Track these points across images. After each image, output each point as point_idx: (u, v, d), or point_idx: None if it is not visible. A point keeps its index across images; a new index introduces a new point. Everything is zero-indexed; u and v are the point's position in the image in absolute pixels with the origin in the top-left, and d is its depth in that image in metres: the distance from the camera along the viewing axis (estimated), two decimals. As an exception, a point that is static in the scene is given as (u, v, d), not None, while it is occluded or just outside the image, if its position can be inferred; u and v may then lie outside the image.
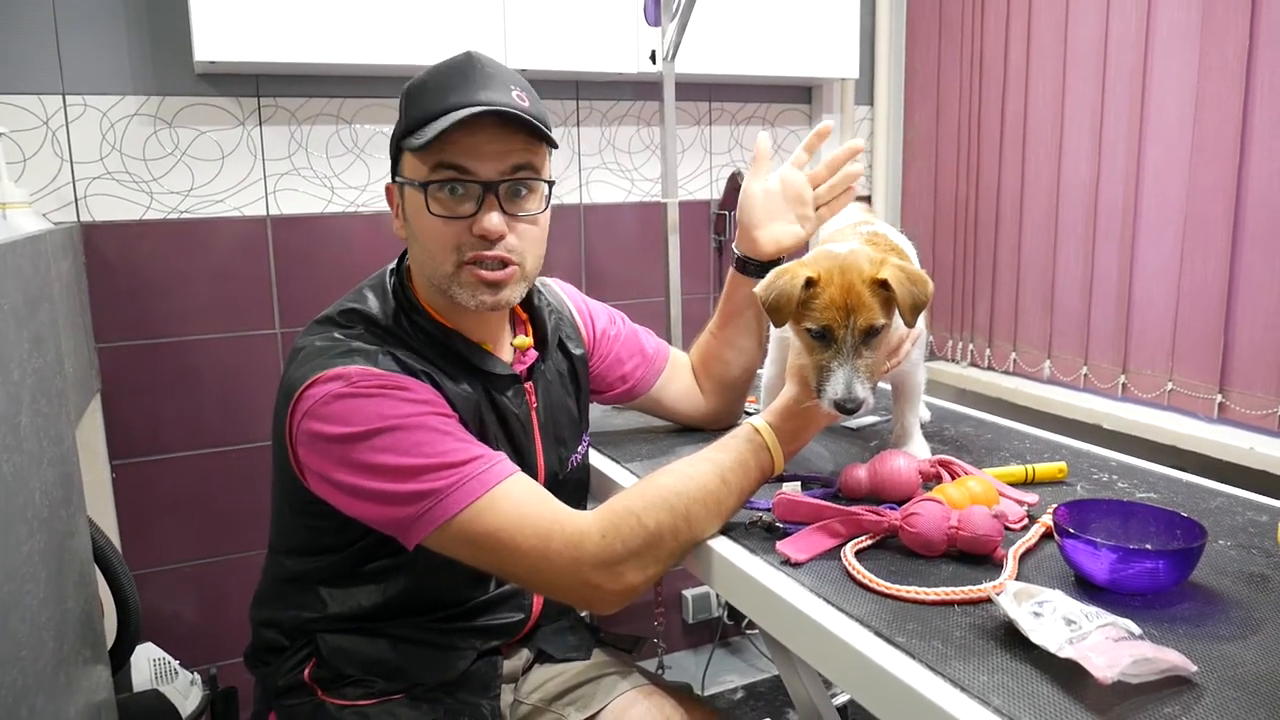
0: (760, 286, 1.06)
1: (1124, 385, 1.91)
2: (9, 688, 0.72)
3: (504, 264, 1.07)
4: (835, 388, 1.01)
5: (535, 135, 1.06)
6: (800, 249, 1.30)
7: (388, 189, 1.15)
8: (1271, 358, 1.62)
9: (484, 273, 1.07)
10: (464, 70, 1.06)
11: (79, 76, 1.85)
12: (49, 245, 1.22)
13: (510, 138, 1.05)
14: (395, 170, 1.12)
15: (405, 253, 1.18)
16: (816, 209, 1.30)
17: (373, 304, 1.11)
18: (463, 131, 1.02)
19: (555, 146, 1.10)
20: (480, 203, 1.05)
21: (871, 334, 1.01)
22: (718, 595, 2.57)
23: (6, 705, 0.71)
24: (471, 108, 1.02)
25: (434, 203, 1.05)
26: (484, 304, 1.08)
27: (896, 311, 1.03)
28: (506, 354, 1.19)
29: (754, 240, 1.29)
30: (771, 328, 1.30)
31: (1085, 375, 2.01)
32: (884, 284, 1.00)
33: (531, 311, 1.24)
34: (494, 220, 1.05)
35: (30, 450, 0.83)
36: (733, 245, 1.34)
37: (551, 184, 1.12)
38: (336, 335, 1.07)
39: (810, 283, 1.02)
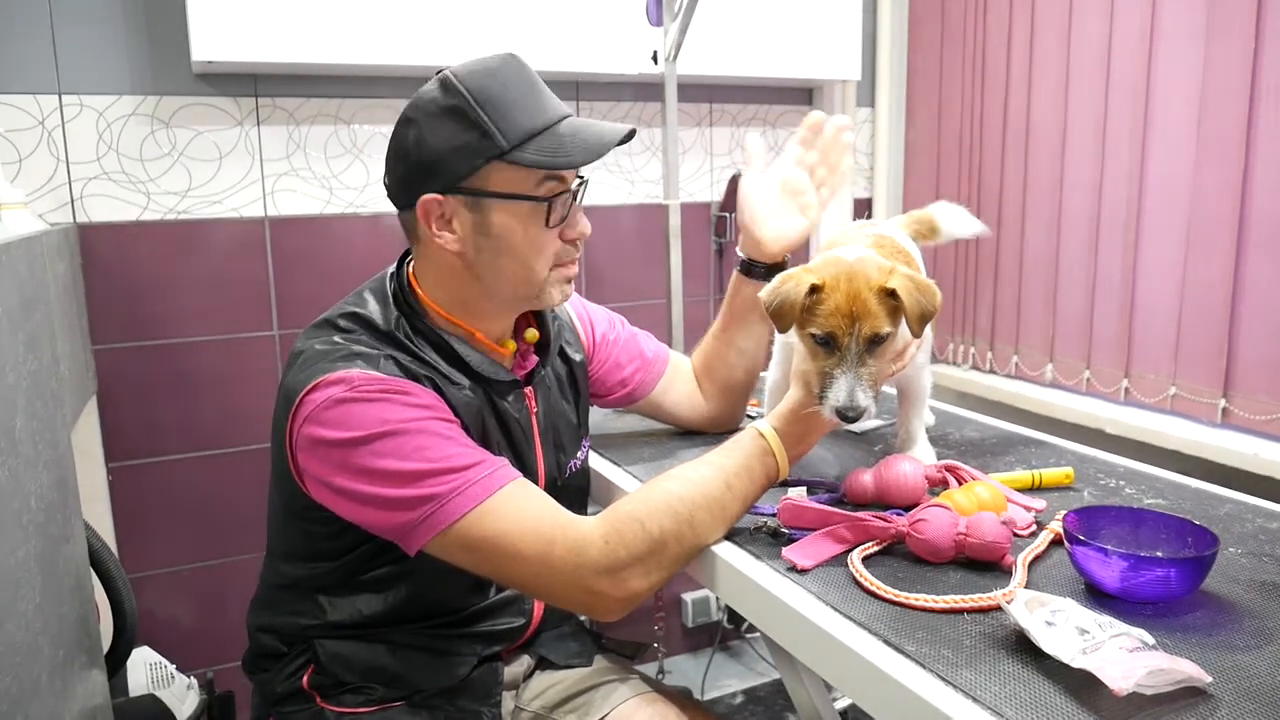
0: (765, 291, 1.05)
1: (1127, 390, 1.90)
2: (4, 694, 0.71)
3: None
4: (837, 395, 1.00)
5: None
6: (804, 244, 1.30)
7: (429, 203, 1.05)
8: (1276, 362, 1.62)
9: (571, 269, 1.14)
10: (529, 78, 1.07)
11: (75, 76, 1.83)
12: (45, 246, 1.21)
13: None
14: (455, 183, 1.04)
15: (405, 256, 1.16)
16: (818, 189, 1.30)
17: (373, 308, 1.10)
18: (574, 144, 1.05)
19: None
20: (568, 209, 1.09)
21: (876, 342, 1.01)
22: (717, 599, 2.56)
23: (2, 711, 0.70)
24: (574, 118, 1.07)
25: (555, 215, 1.07)
26: (567, 295, 1.15)
27: (903, 319, 1.02)
28: (508, 359, 1.18)
29: (759, 241, 1.28)
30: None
31: (1088, 379, 2.00)
32: (891, 293, 0.99)
33: (537, 315, 1.23)
34: (586, 220, 1.13)
35: (25, 454, 0.82)
36: (736, 249, 1.33)
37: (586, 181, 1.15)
38: (337, 339, 1.06)
39: (815, 289, 1.01)
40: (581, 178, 1.11)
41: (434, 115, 1.03)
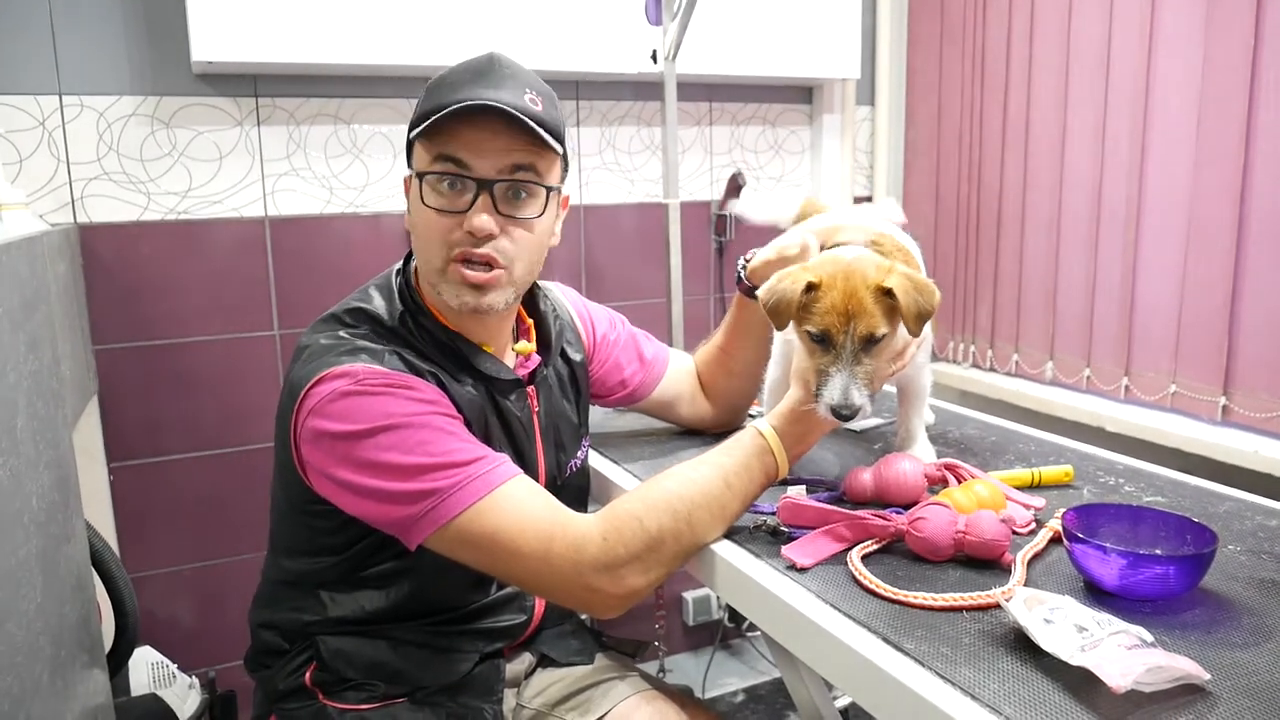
0: (762, 289, 1.05)
1: (1127, 387, 1.91)
2: (5, 693, 0.71)
3: (489, 266, 1.06)
4: (832, 393, 1.00)
5: (540, 138, 1.04)
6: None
7: (406, 181, 1.14)
8: (1276, 360, 1.61)
9: (469, 273, 1.05)
10: (482, 68, 1.06)
11: (76, 77, 1.83)
12: (46, 247, 1.21)
13: (514, 137, 1.04)
14: (409, 161, 1.12)
15: (411, 253, 1.17)
16: None
17: (378, 304, 1.10)
18: (466, 125, 1.02)
19: (561, 154, 1.09)
20: (475, 199, 1.04)
21: (872, 342, 1.00)
22: (718, 598, 2.56)
23: (3, 711, 0.70)
24: (475, 101, 1.01)
25: (429, 193, 1.05)
26: (466, 305, 1.07)
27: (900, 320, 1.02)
28: (509, 358, 1.19)
29: None
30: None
31: (1088, 377, 2.00)
32: (888, 292, 0.99)
33: (536, 315, 1.23)
34: (484, 219, 1.04)
35: (27, 454, 0.82)
36: (740, 271, 1.30)
37: (551, 190, 1.09)
38: (342, 334, 1.07)
39: (811, 286, 1.01)
40: (518, 178, 1.05)
41: None
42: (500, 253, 1.06)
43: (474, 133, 1.03)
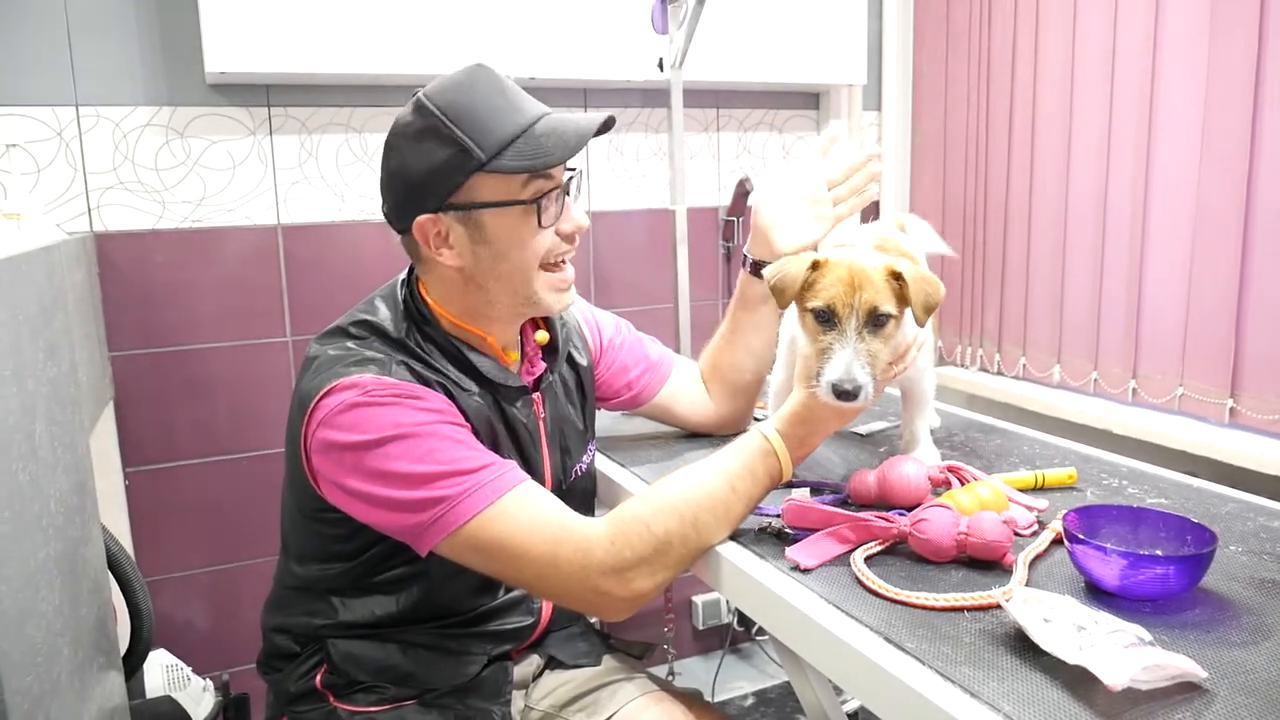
0: (768, 269, 1.07)
1: (1134, 390, 1.91)
2: (25, 694, 0.72)
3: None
4: (834, 369, 0.98)
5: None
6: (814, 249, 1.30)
7: (425, 223, 1.07)
8: (1283, 362, 1.62)
9: (566, 272, 1.13)
10: (499, 85, 1.08)
11: (92, 88, 1.86)
12: (63, 255, 1.23)
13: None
14: (444, 201, 1.06)
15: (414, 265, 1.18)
16: (834, 206, 1.29)
17: (384, 315, 1.12)
18: (555, 143, 1.06)
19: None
20: (561, 204, 1.10)
21: (877, 322, 1.00)
22: (728, 601, 2.57)
23: (23, 711, 0.72)
24: (550, 116, 1.07)
25: (547, 215, 1.08)
26: (564, 303, 1.15)
27: (908, 313, 1.02)
28: (515, 364, 1.20)
29: (770, 241, 1.28)
30: (781, 331, 1.30)
31: (1095, 380, 2.00)
32: (896, 276, 1.00)
33: (546, 320, 1.24)
34: (582, 213, 1.12)
35: (45, 459, 0.84)
36: (744, 250, 1.34)
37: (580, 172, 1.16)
38: (350, 345, 1.08)
39: (817, 265, 1.02)
40: (571, 169, 1.12)
41: (412, 138, 1.06)
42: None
43: (558, 146, 1.06)
